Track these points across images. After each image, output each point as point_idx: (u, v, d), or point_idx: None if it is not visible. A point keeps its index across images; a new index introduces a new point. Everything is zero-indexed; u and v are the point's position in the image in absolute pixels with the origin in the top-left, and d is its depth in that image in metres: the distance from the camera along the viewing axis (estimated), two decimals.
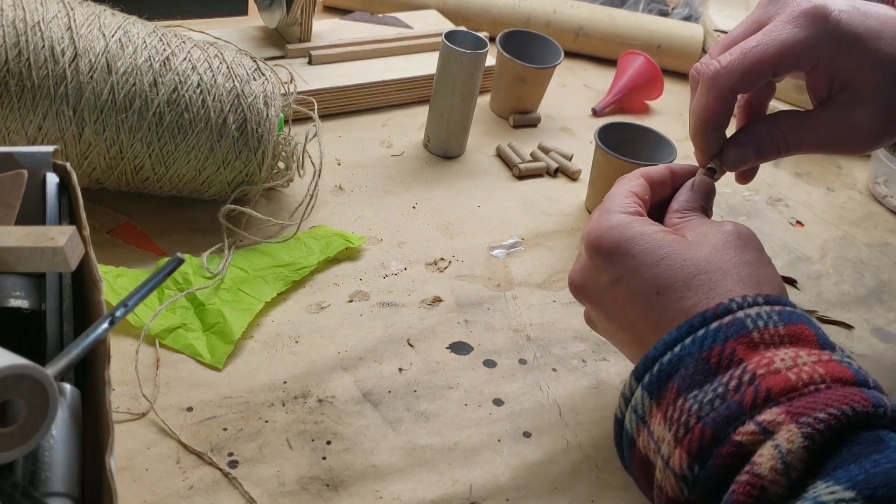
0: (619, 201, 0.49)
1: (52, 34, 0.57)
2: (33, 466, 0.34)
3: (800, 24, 0.47)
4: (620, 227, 0.47)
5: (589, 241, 0.48)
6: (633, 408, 0.43)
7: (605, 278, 0.47)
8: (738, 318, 0.40)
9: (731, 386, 0.38)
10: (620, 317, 0.47)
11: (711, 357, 0.40)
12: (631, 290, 0.46)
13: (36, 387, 0.32)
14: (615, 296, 0.47)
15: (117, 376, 0.52)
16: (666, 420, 0.40)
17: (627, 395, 0.43)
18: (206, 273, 0.60)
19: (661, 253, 0.45)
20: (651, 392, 0.41)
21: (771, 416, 0.36)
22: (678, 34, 1.02)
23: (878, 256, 0.79)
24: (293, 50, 0.83)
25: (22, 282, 0.40)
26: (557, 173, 0.81)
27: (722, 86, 0.49)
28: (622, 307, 0.47)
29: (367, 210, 0.71)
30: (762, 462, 0.35)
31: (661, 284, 0.44)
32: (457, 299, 0.64)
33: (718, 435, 0.37)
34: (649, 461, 0.42)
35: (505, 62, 0.84)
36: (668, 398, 0.40)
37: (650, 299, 0.45)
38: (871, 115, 0.48)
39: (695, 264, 0.44)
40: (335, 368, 0.57)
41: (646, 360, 0.42)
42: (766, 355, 0.39)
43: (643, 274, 0.45)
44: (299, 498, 0.48)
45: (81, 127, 0.58)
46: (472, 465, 0.52)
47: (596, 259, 0.48)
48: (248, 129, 0.62)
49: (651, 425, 0.41)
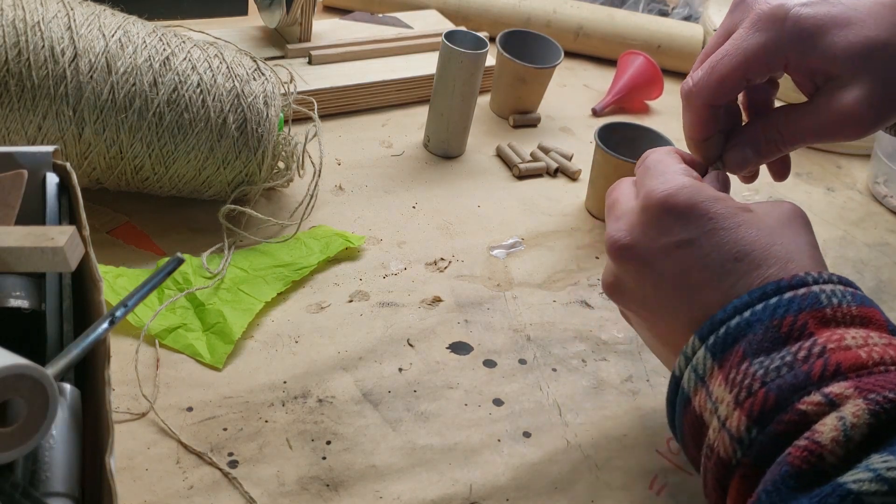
0: (676, 165, 0.48)
1: (52, 34, 0.57)
2: (33, 466, 0.34)
3: (760, 29, 0.48)
4: (694, 188, 0.45)
5: (656, 198, 0.46)
6: (694, 367, 0.42)
7: (669, 239, 0.45)
8: (812, 292, 0.40)
9: (801, 356, 0.38)
10: (678, 282, 0.45)
11: (783, 326, 0.40)
12: (704, 254, 0.44)
13: (36, 387, 0.32)
14: (679, 259, 0.45)
15: (117, 376, 0.52)
16: (728, 382, 0.40)
17: (689, 354, 0.43)
18: (206, 273, 0.60)
19: (739, 219, 0.44)
20: (715, 353, 0.41)
21: (839, 388, 0.36)
22: (678, 34, 1.02)
23: (877, 256, 0.79)
24: (293, 50, 0.83)
25: (22, 282, 0.40)
26: (557, 173, 0.81)
27: (696, 104, 0.51)
28: (685, 272, 0.45)
29: (367, 210, 0.71)
30: (824, 431, 0.35)
31: (740, 251, 0.43)
32: (457, 299, 0.64)
33: (782, 402, 0.37)
34: (703, 421, 0.41)
35: (505, 62, 0.84)
36: (732, 361, 0.40)
37: (726, 265, 0.43)
38: (859, 99, 0.47)
39: (770, 235, 0.44)
40: (335, 368, 0.57)
41: (713, 321, 0.42)
42: (836, 332, 0.39)
43: (721, 238, 0.44)
44: (299, 498, 0.48)
45: (81, 127, 0.58)
46: (472, 465, 0.52)
47: (664, 218, 0.45)
48: (248, 129, 0.62)
49: (710, 386, 0.41)
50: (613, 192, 0.52)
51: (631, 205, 0.49)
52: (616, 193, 0.51)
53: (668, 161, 0.49)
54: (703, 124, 0.51)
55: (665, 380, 0.60)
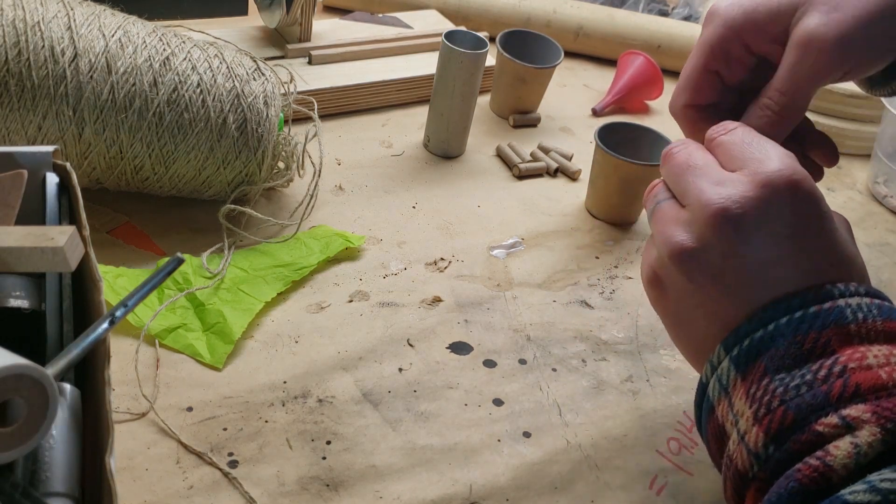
0: (721, 170, 0.45)
1: (52, 34, 0.57)
2: (33, 466, 0.34)
3: (709, 23, 0.52)
4: (745, 200, 0.42)
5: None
6: (719, 377, 0.42)
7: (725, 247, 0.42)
8: (838, 307, 0.40)
9: (821, 375, 0.38)
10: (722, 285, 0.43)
11: (805, 342, 0.39)
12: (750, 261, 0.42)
13: (36, 387, 0.32)
14: (730, 265, 0.42)
15: (117, 376, 0.52)
16: (748, 396, 0.40)
17: (715, 363, 0.43)
18: (206, 273, 0.60)
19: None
20: (738, 366, 0.41)
21: (856, 412, 0.36)
22: (678, 34, 1.01)
23: (877, 256, 0.79)
24: (293, 50, 0.83)
25: (22, 282, 0.40)
26: (557, 173, 0.81)
27: (677, 108, 0.53)
28: (733, 274, 0.42)
29: (367, 210, 0.71)
30: (837, 455, 0.35)
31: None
32: (457, 299, 0.64)
33: (800, 421, 0.37)
34: (725, 431, 0.42)
35: (505, 62, 0.84)
36: (753, 375, 0.40)
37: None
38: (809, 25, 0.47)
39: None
40: (335, 368, 0.57)
41: (737, 332, 0.42)
42: (859, 349, 0.39)
43: (764, 246, 0.42)
44: (299, 498, 0.48)
45: (81, 127, 0.58)
46: (472, 465, 0.52)
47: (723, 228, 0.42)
48: (248, 129, 0.62)
49: (733, 398, 0.41)
50: (653, 193, 0.49)
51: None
52: (656, 195, 0.48)
53: (711, 165, 0.46)
54: (695, 127, 0.52)
55: (665, 380, 0.60)
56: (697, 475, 0.54)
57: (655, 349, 0.63)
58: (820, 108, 0.92)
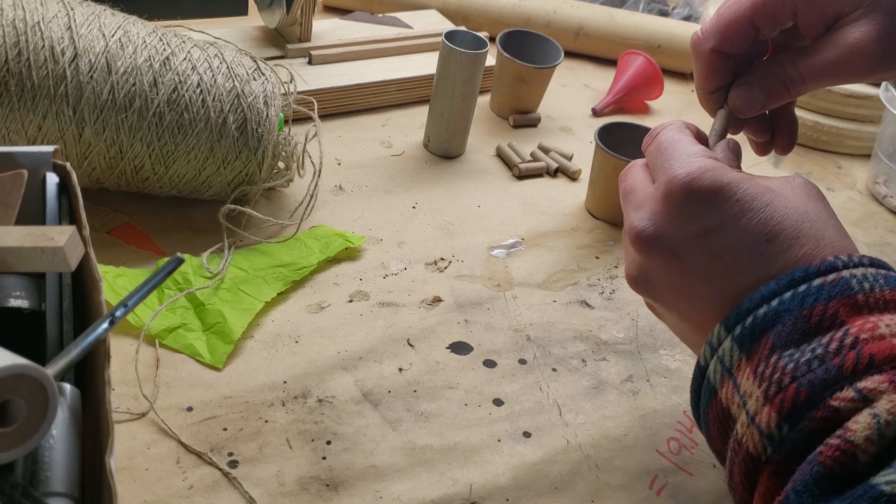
0: (692, 147, 0.46)
1: (52, 34, 0.57)
2: (33, 466, 0.34)
3: None
4: (716, 169, 0.43)
5: (678, 183, 0.43)
6: (720, 358, 0.41)
7: (696, 226, 0.43)
8: (843, 278, 0.39)
9: (832, 348, 0.37)
10: (708, 269, 0.43)
11: (812, 316, 0.38)
12: (735, 238, 0.42)
13: (36, 387, 0.32)
14: (708, 245, 0.43)
15: (117, 376, 0.52)
16: (756, 375, 0.38)
17: (714, 344, 0.41)
18: (206, 273, 0.60)
19: (766, 198, 0.42)
20: (742, 345, 0.40)
21: (872, 383, 0.35)
22: (678, 34, 1.01)
23: (877, 256, 0.79)
24: (293, 50, 0.83)
25: (22, 282, 0.40)
26: (557, 173, 0.81)
27: (704, 49, 0.50)
28: (716, 258, 0.43)
29: (367, 210, 0.71)
30: (857, 429, 0.34)
31: (770, 231, 0.41)
32: (457, 299, 0.64)
33: (814, 398, 0.36)
34: (730, 414, 0.40)
35: (505, 62, 0.84)
36: (760, 353, 0.39)
37: (757, 248, 0.42)
38: (867, 33, 0.46)
39: (798, 212, 0.42)
40: (335, 368, 0.57)
41: (738, 310, 0.40)
42: (870, 319, 0.37)
43: (750, 220, 0.42)
44: (299, 498, 0.48)
45: (81, 127, 0.58)
46: (472, 465, 0.52)
47: (687, 204, 0.43)
48: (248, 129, 0.62)
49: (738, 378, 0.40)
50: (627, 178, 0.50)
51: (649, 191, 0.46)
52: (630, 180, 0.49)
53: (683, 140, 0.47)
54: (713, 73, 0.51)
55: (665, 380, 0.60)
56: (697, 475, 0.54)
57: (655, 349, 0.63)
58: (820, 108, 0.92)
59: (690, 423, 0.58)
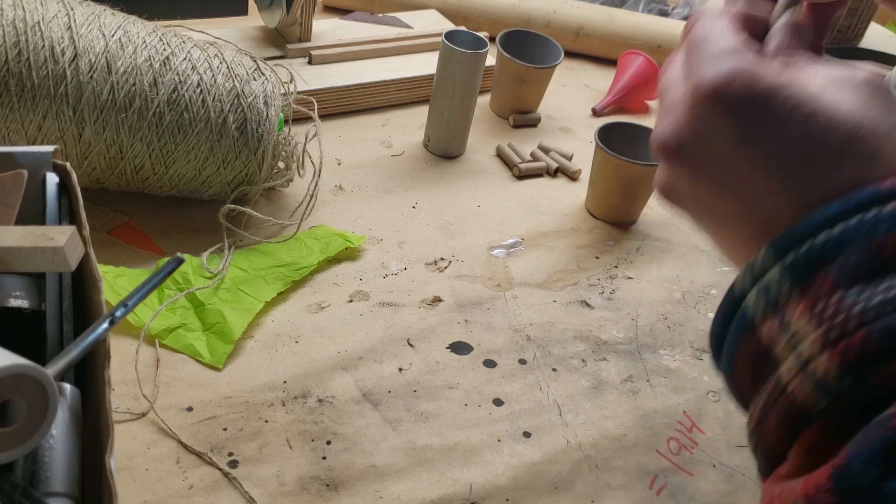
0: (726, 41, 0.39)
1: (52, 34, 0.57)
2: (33, 466, 0.34)
3: None
4: (749, 74, 0.37)
5: (704, 92, 0.38)
6: (765, 287, 0.35)
7: (724, 139, 0.38)
8: None
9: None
10: (739, 187, 0.38)
11: (884, 248, 0.32)
12: (766, 153, 0.37)
13: (36, 387, 0.32)
14: (737, 161, 0.38)
15: (117, 376, 0.52)
16: (813, 314, 0.33)
17: (757, 271, 0.35)
18: (206, 273, 0.60)
19: (809, 108, 0.36)
20: (796, 276, 0.34)
21: None
22: (678, 34, 1.01)
23: None
24: (293, 50, 0.83)
25: (22, 282, 0.40)
26: (557, 173, 0.81)
27: None
28: (745, 175, 0.38)
29: (367, 210, 0.71)
30: None
31: (811, 148, 0.35)
32: (457, 299, 0.64)
33: (888, 349, 0.31)
34: (770, 354, 0.35)
35: (505, 62, 0.84)
36: (818, 288, 0.33)
37: (795, 166, 0.36)
38: None
39: (849, 123, 0.35)
40: (335, 368, 0.57)
41: (792, 234, 0.34)
42: None
43: (787, 134, 0.36)
44: (299, 498, 0.48)
45: (81, 127, 0.58)
46: (472, 465, 0.52)
47: (714, 115, 0.38)
48: (248, 129, 0.62)
49: (787, 314, 0.34)
50: (665, 74, 0.43)
51: (680, 93, 0.41)
52: (666, 78, 0.43)
53: (716, 32, 0.40)
54: None
55: (665, 380, 0.60)
56: (697, 475, 0.54)
57: (655, 349, 0.63)
58: None
59: (690, 423, 0.58)
